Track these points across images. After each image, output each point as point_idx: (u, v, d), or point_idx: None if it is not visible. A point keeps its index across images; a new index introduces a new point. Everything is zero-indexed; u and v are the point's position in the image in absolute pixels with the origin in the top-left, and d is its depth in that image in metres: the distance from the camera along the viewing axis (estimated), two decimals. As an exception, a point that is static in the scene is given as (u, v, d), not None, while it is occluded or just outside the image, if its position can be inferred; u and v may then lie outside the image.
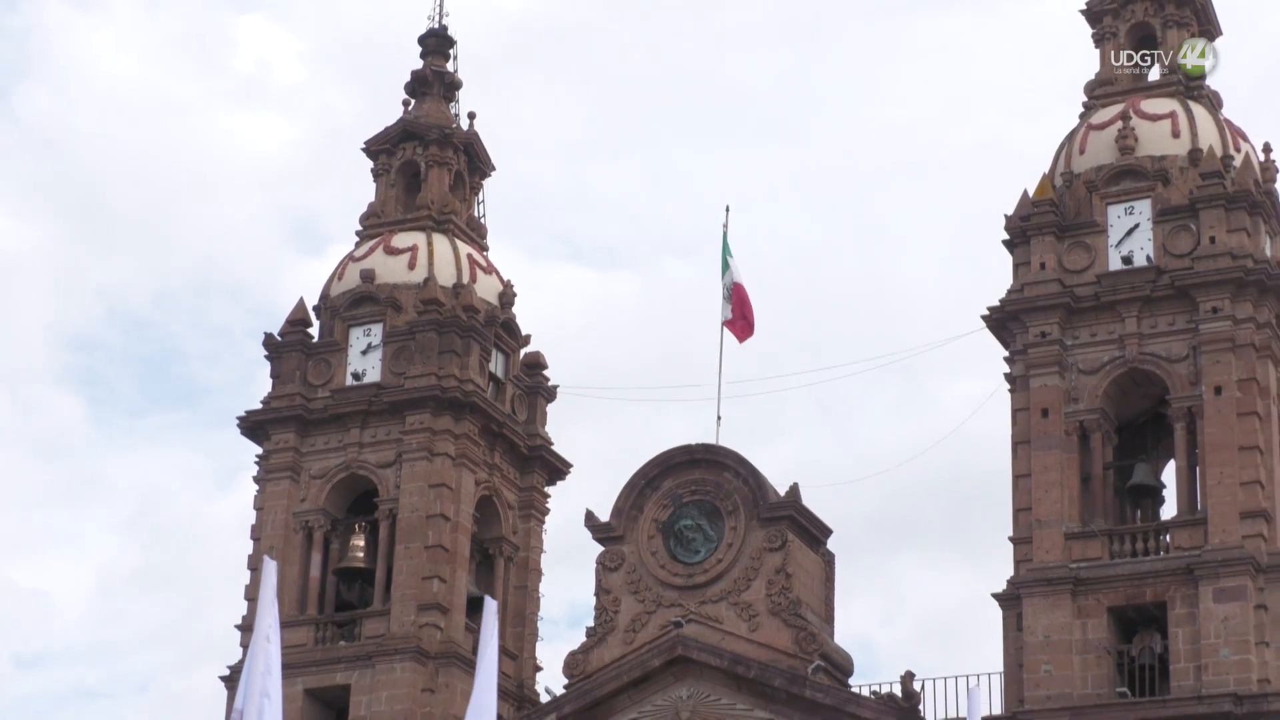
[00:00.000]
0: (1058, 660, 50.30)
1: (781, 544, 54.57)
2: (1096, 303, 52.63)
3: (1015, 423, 52.90)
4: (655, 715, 53.41)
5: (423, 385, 58.54)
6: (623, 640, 54.97)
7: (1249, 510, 49.98)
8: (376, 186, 63.90)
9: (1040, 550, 51.31)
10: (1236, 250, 51.78)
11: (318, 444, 59.85)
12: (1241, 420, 50.63)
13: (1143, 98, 55.46)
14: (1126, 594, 50.73)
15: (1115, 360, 52.42)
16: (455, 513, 58.17)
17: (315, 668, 57.04)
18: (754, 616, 54.13)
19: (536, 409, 62.76)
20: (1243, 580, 49.30)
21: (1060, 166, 55.24)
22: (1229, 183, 52.69)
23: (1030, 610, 50.93)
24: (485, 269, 62.82)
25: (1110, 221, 53.52)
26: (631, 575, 55.66)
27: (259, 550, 58.59)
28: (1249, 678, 48.59)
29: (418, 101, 64.64)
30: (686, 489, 55.95)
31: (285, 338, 61.09)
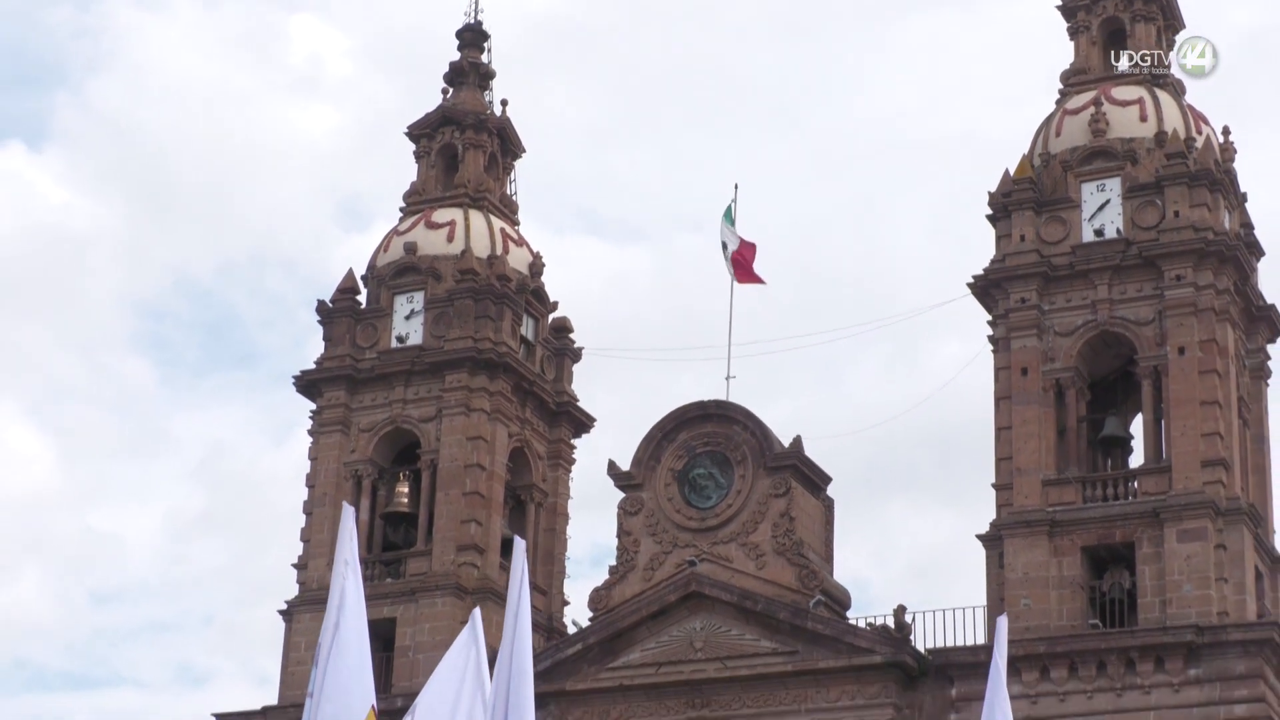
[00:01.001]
0: (1036, 595, 50.41)
1: (786, 490, 54.68)
2: (1071, 271, 52.70)
3: (997, 380, 53.00)
4: (671, 645, 53.59)
5: (461, 347, 58.66)
6: (642, 578, 55.11)
7: (1209, 459, 50.09)
8: (418, 167, 63.89)
9: (1020, 495, 51.41)
10: (1198, 223, 51.81)
11: (365, 400, 59.99)
12: (1203, 378, 50.69)
13: (1113, 85, 55.42)
14: (1098, 535, 50.86)
15: (1088, 323, 52.47)
16: (490, 462, 58.32)
17: (365, 602, 57.15)
18: (761, 556, 54.23)
19: (563, 369, 62.88)
20: (1204, 522, 49.42)
21: (1038, 148, 55.22)
22: (1191, 162, 52.73)
23: (1011, 550, 51.03)
24: (516, 242, 62.85)
25: (1084, 198, 53.55)
26: (650, 519, 55.79)
27: (314, 497, 58.82)
28: (1209, 610, 48.71)
29: (455, 90, 64.62)
30: (700, 441, 56.07)
31: (336, 304, 61.19)
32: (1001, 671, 20.04)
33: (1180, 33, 57.45)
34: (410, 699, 51.77)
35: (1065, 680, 49.28)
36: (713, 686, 52.88)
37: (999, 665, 20.00)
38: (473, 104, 64.04)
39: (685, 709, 52.99)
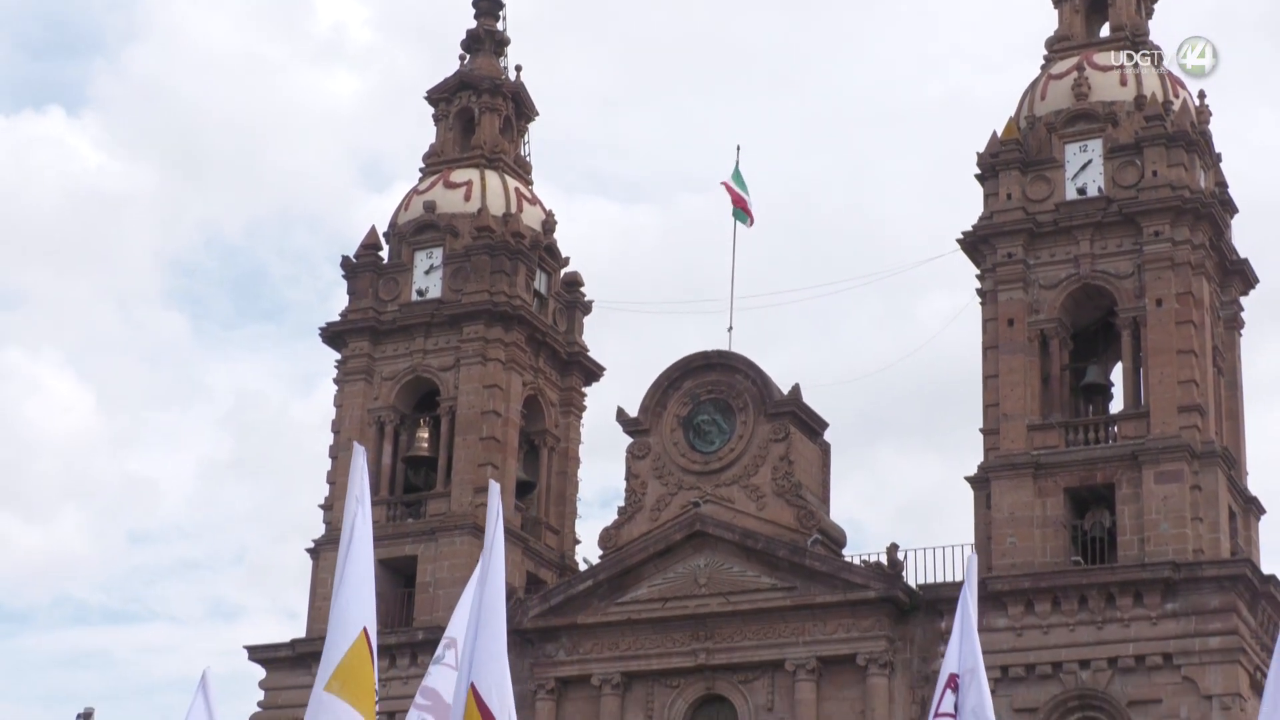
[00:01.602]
0: (1021, 533, 50.47)
1: (785, 435, 54.75)
2: (1055, 228, 52.67)
3: (985, 331, 53.02)
4: (677, 581, 53.71)
5: (477, 300, 58.64)
6: (649, 518, 55.21)
7: (1185, 405, 50.11)
8: (436, 130, 63.80)
9: (1006, 440, 51.44)
10: (1176, 182, 51.78)
11: (388, 351, 60.00)
12: (1179, 328, 50.68)
13: (1095, 52, 55.29)
14: (1080, 476, 50.92)
15: (1071, 277, 52.44)
16: (505, 409, 58.35)
17: (387, 541, 57.24)
18: (761, 497, 54.32)
19: (574, 320, 62.87)
20: (1180, 465, 49.46)
21: (1024, 111, 55.14)
22: (1169, 125, 52.64)
23: (997, 491, 51.09)
24: (530, 200, 62.81)
25: (1067, 158, 53.50)
26: (656, 462, 55.87)
27: (339, 442, 58.85)
28: (1185, 548, 48.78)
29: (472, 57, 64.50)
30: (703, 389, 56.12)
31: (360, 260, 61.21)
32: (971, 605, 19.94)
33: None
34: (430, 631, 52.26)
35: (1049, 614, 49.36)
36: (716, 620, 53.01)
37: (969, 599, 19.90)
38: (488, 70, 63.94)
39: (690, 641, 53.13)
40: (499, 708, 18.47)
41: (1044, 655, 49.21)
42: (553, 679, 54.04)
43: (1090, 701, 48.73)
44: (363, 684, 18.27)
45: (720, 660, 52.86)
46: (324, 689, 18.23)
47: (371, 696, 18.33)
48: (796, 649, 52.09)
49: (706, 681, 53.18)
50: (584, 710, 54.17)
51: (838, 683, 51.68)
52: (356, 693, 18.15)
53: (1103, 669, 48.72)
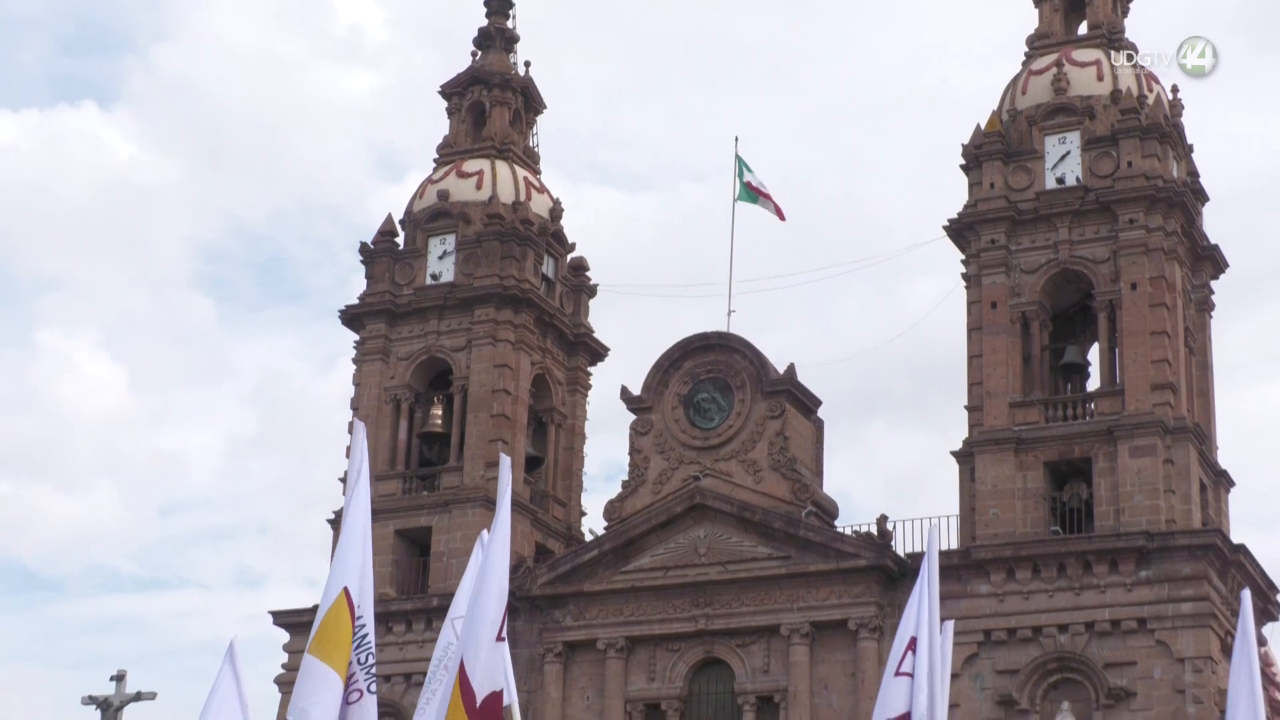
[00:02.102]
0: (1003, 505, 50.62)
1: (780, 413, 54.90)
2: (1036, 215, 52.75)
3: (970, 313, 53.11)
4: (678, 551, 53.91)
5: (488, 284, 58.77)
6: (651, 491, 55.39)
7: (1159, 383, 50.24)
8: (450, 122, 63.88)
9: (989, 416, 51.58)
10: (1149, 172, 51.86)
11: (403, 332, 60.12)
12: (1153, 310, 50.80)
13: (1073, 48, 55.35)
14: (1059, 451, 51.05)
15: (1050, 262, 52.55)
16: (515, 388, 58.50)
17: (403, 512, 57.57)
18: (758, 471, 54.48)
19: (580, 303, 63.00)
20: (1153, 440, 49.61)
21: (1006, 105, 55.20)
22: (1143, 118, 52.74)
23: (981, 464, 51.24)
24: (538, 189, 62.90)
25: (1047, 149, 53.57)
26: (659, 438, 56.04)
27: (357, 418, 58.98)
28: (1158, 519, 48.94)
29: (483, 53, 64.55)
30: (703, 368, 56.27)
31: (377, 246, 61.31)
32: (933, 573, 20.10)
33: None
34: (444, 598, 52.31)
35: (1029, 581, 49.52)
36: (715, 588, 53.20)
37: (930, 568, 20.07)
38: (499, 65, 64.01)
39: (690, 608, 53.32)
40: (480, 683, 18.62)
41: (1025, 620, 49.36)
42: (560, 643, 54.26)
43: (1068, 663, 48.85)
44: (339, 642, 18.15)
45: (719, 625, 53.03)
46: (308, 651, 18.23)
47: (346, 653, 18.13)
48: (791, 614, 52.28)
49: (706, 645, 53.38)
50: (590, 672, 54.38)
51: (830, 646, 51.89)
52: (333, 652, 18.05)
53: (1080, 633, 48.85)
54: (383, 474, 57.93)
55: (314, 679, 18.17)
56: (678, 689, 53.40)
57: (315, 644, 18.20)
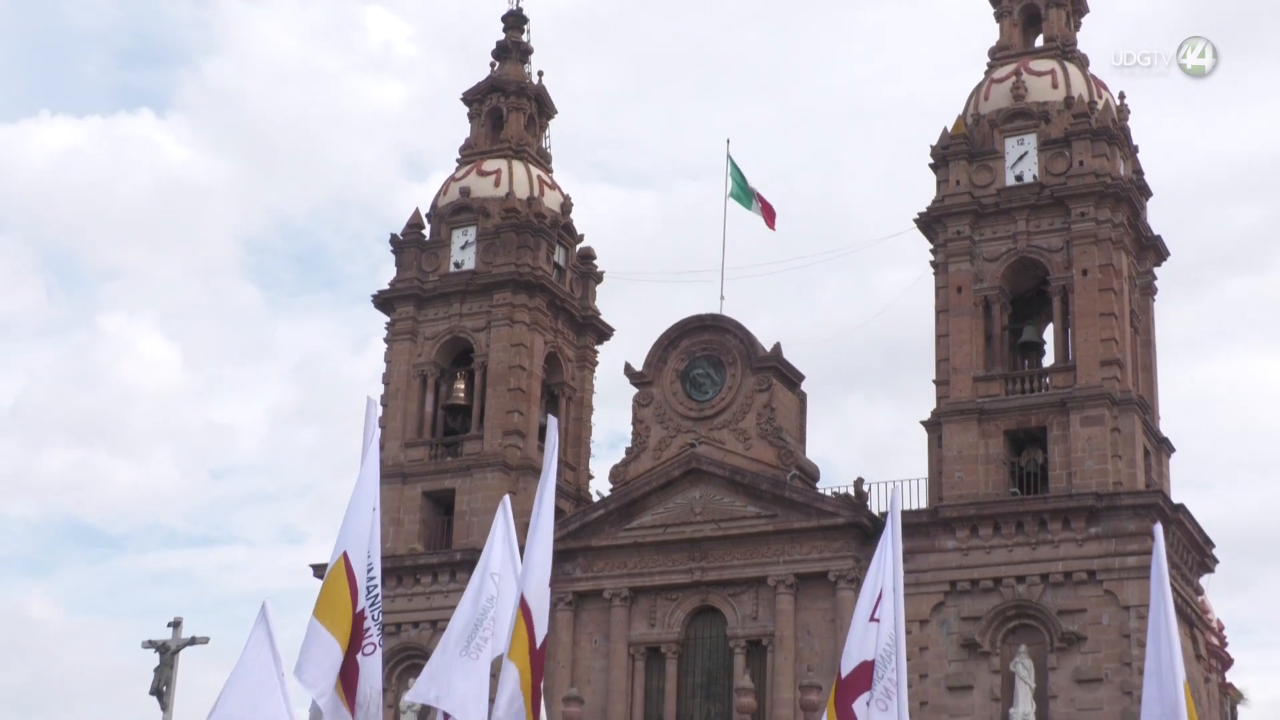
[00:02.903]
0: (967, 469, 50.65)
1: (768, 386, 54.91)
2: (997, 209, 52.71)
3: (937, 297, 53.07)
4: (676, 511, 53.94)
5: (506, 271, 58.76)
6: (652, 457, 55.42)
7: (1107, 359, 50.22)
8: (470, 126, 63.81)
9: (955, 389, 51.58)
10: (1099, 170, 51.83)
11: (429, 314, 60.11)
12: (1101, 294, 50.77)
13: (1031, 59, 55.27)
14: (1017, 420, 51.05)
15: (1010, 251, 52.51)
16: (529, 364, 58.53)
17: (430, 476, 57.58)
18: (748, 439, 54.49)
19: (588, 288, 62.96)
20: (1102, 410, 49.62)
21: (970, 110, 55.14)
22: (1094, 121, 52.68)
23: (947, 433, 51.26)
24: (550, 186, 62.84)
25: (1007, 150, 53.51)
26: (658, 410, 56.05)
27: (388, 392, 59.07)
28: (1106, 481, 48.97)
29: (501, 64, 64.48)
30: (699, 346, 56.27)
31: (405, 237, 61.31)
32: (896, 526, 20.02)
33: (1083, 15, 57.11)
34: (467, 553, 52.45)
35: (991, 537, 49.56)
36: (709, 543, 53.23)
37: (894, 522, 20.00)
38: (515, 75, 63.95)
39: (686, 561, 53.37)
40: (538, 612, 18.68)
41: (986, 572, 49.41)
42: (570, 593, 54.31)
43: (1026, 611, 48.89)
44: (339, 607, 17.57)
45: (712, 577, 53.08)
46: (313, 614, 17.68)
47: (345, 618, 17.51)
48: (777, 567, 52.33)
49: (701, 595, 53.43)
50: (597, 619, 54.45)
51: (812, 595, 51.94)
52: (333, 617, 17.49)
53: (1036, 583, 48.90)
54: (411, 441, 58.07)
55: (315, 642, 17.70)
56: (676, 634, 53.48)
57: (318, 609, 17.65)
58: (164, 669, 41.05)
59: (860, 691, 18.96)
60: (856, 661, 19.23)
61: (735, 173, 58.87)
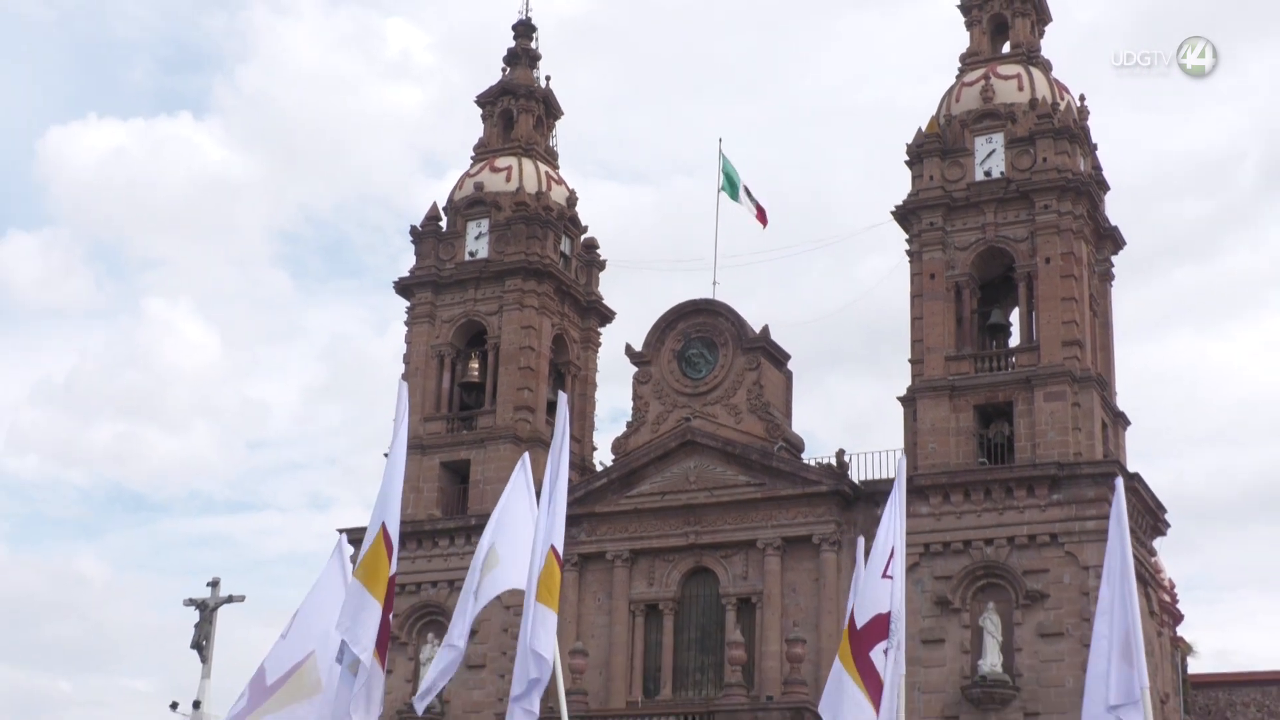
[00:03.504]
0: (939, 441, 50.69)
1: (757, 365, 54.93)
2: (967, 202, 52.70)
3: (912, 283, 53.05)
4: (673, 479, 53.98)
5: (516, 260, 58.72)
6: (651, 430, 55.44)
7: (1068, 340, 50.26)
8: (484, 126, 63.71)
9: (929, 367, 51.61)
10: (1061, 166, 51.82)
11: (446, 300, 60.06)
12: (1063, 280, 50.78)
13: (998, 64, 55.21)
14: (986, 396, 51.09)
15: (979, 240, 52.51)
16: (538, 345, 58.49)
17: (447, 448, 57.57)
18: (738, 414, 54.51)
19: (592, 275, 62.90)
20: (1063, 387, 49.66)
21: (943, 111, 55.07)
22: (1056, 121, 52.64)
23: (922, 408, 51.28)
24: (557, 181, 62.76)
25: (976, 147, 53.46)
26: (657, 387, 56.07)
27: (408, 371, 59.06)
28: (1067, 452, 49.04)
29: (511, 69, 64.36)
30: (693, 329, 56.26)
31: (424, 229, 61.24)
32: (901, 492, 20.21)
33: (1047, 23, 57.03)
34: (481, 518, 52.37)
35: (961, 503, 49.61)
36: (703, 509, 53.28)
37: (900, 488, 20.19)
38: (524, 79, 63.87)
39: (682, 526, 53.43)
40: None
41: (957, 535, 49.47)
42: (576, 555, 54.35)
43: (993, 571, 48.96)
44: (379, 572, 17.90)
45: (706, 540, 53.14)
46: (354, 575, 18.00)
47: (383, 582, 17.85)
48: (765, 531, 52.38)
49: (695, 557, 53.48)
50: (600, 579, 54.52)
51: (797, 557, 51.99)
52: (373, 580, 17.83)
53: (1003, 545, 48.97)
54: (430, 416, 58.08)
55: (358, 601, 17.95)
56: (672, 592, 53.54)
57: (360, 570, 18.02)
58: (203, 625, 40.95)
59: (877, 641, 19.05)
60: (871, 614, 19.29)
61: (727, 168, 58.85)
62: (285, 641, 18.12)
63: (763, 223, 58.74)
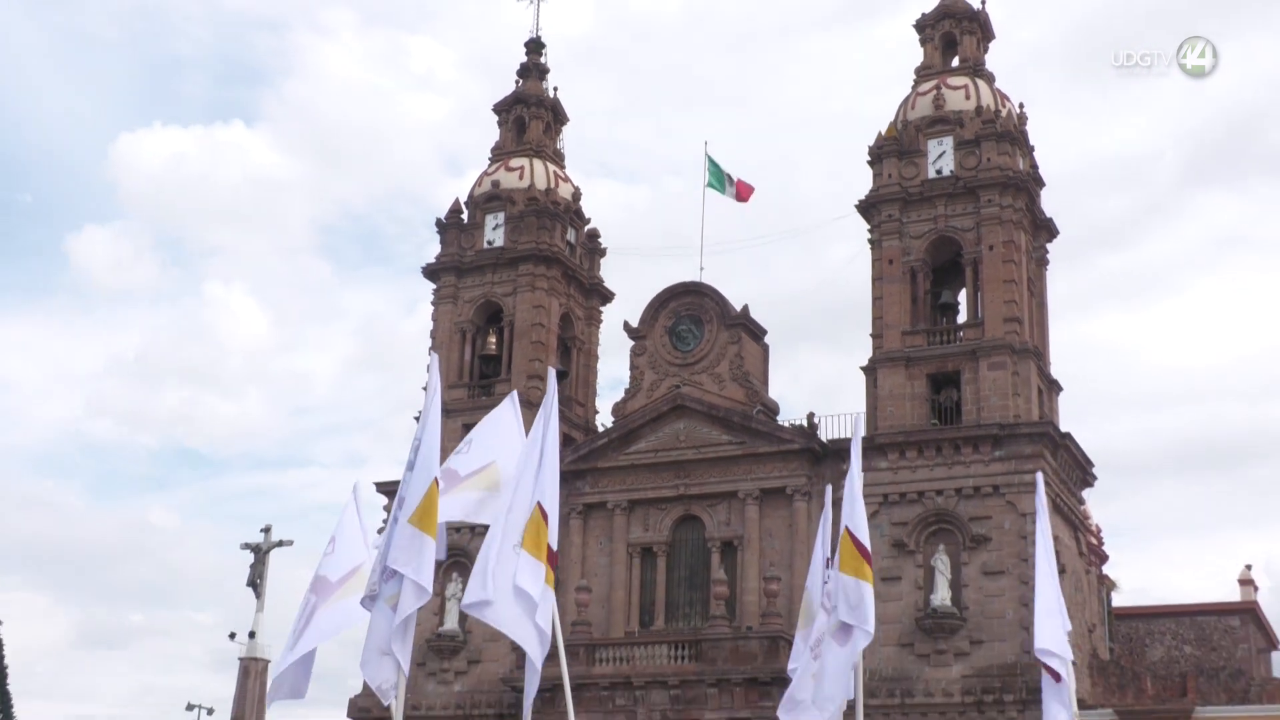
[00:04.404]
0: (896, 405, 50.80)
1: (738, 340, 55.06)
2: (921, 197, 52.70)
3: (873, 268, 53.03)
4: (665, 439, 54.12)
5: (528, 248, 58.70)
6: (646, 396, 55.57)
7: (1008, 317, 50.33)
8: (499, 131, 63.57)
9: (887, 341, 51.68)
10: (1002, 166, 51.82)
11: (467, 283, 60.03)
12: (1004, 265, 50.84)
13: (948, 76, 55.14)
14: (937, 366, 51.18)
15: (931, 230, 52.53)
16: (548, 322, 58.51)
17: (468, 411, 57.40)
18: (722, 381, 54.65)
19: (594, 261, 62.85)
20: (1004, 358, 49.77)
21: (901, 117, 55.01)
22: (998, 126, 52.60)
23: (881, 376, 51.39)
24: (563, 179, 62.69)
25: (929, 149, 53.42)
26: (651, 358, 56.18)
27: (435, 344, 59.01)
28: (1008, 414, 49.16)
29: (524, 81, 64.22)
30: (683, 307, 56.36)
31: (448, 221, 61.20)
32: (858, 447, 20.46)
33: (990, 41, 56.98)
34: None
35: (915, 460, 49.75)
36: (691, 465, 53.44)
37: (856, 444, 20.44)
38: (535, 90, 63.76)
39: (673, 479, 53.61)
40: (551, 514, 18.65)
41: (912, 486, 49.62)
42: (581, 504, 54.57)
43: (943, 517, 49.12)
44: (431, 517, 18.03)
45: (694, 491, 53.31)
46: (407, 521, 18.02)
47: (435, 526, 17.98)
48: (745, 483, 52.55)
49: (684, 506, 53.67)
50: (602, 525, 54.69)
51: (773, 506, 52.19)
52: (428, 524, 17.97)
53: (952, 495, 49.14)
54: (453, 384, 58.12)
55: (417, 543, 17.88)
56: (664, 537, 53.74)
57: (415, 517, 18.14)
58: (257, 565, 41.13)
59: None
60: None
61: (713, 167, 58.90)
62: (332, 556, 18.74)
63: (746, 198, 58.73)
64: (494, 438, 19.41)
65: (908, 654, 48.14)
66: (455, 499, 18.91)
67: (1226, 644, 55.52)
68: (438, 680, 54.60)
